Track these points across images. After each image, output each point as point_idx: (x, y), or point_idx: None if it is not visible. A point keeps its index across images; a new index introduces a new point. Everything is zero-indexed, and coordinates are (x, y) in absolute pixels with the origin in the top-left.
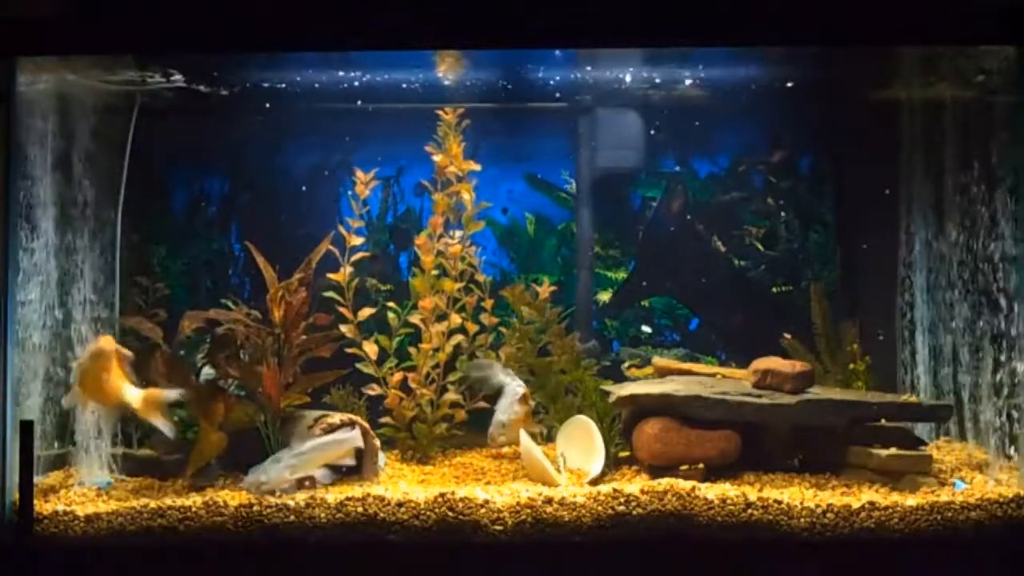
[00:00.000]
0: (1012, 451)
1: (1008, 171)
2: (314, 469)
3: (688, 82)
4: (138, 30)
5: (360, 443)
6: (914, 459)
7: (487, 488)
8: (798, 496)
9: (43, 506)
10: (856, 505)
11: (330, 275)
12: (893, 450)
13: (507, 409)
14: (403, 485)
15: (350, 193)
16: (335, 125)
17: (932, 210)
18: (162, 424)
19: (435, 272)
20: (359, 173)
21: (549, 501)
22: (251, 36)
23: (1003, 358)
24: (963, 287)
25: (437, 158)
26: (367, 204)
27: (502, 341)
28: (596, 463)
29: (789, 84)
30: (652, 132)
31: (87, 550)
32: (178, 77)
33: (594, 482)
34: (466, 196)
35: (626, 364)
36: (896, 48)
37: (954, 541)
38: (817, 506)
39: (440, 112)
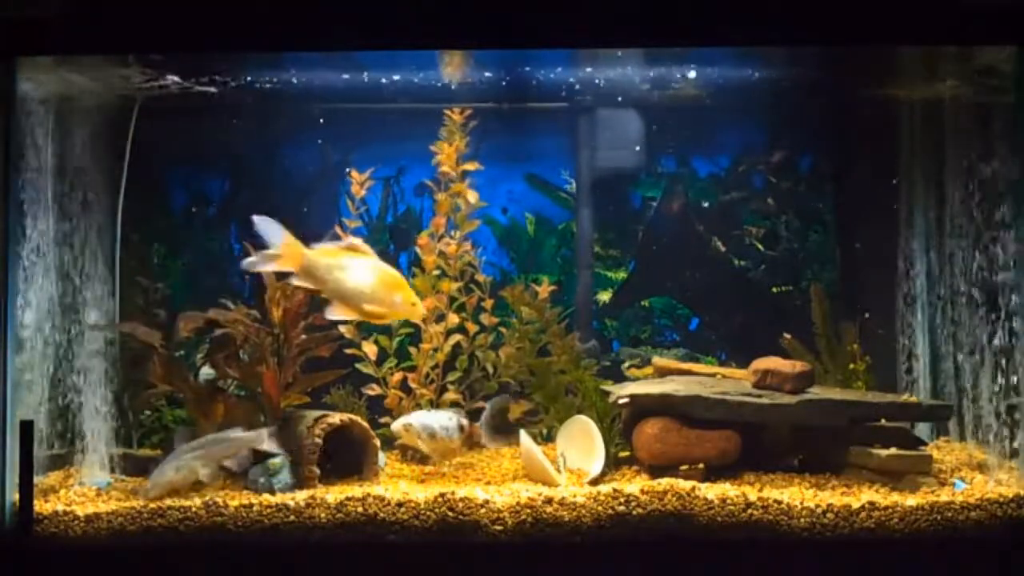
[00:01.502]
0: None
1: (1008, 171)
2: (201, 468)
3: (688, 81)
4: (138, 30)
5: (260, 444)
6: (914, 459)
7: (487, 488)
8: (798, 496)
9: (43, 506)
10: (856, 505)
11: None
12: (893, 450)
13: (447, 426)
14: (403, 485)
15: (347, 193)
16: (336, 125)
17: (932, 210)
18: None
19: (436, 272)
20: (354, 174)
21: (549, 501)
22: (251, 36)
23: (1004, 357)
24: (964, 287)
25: (440, 158)
26: (366, 204)
27: (502, 341)
28: (596, 463)
29: (788, 84)
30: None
31: (87, 550)
32: (175, 78)
33: (594, 482)
34: (469, 198)
35: (626, 364)
36: (896, 48)
37: (954, 541)
38: (817, 506)
39: (447, 112)
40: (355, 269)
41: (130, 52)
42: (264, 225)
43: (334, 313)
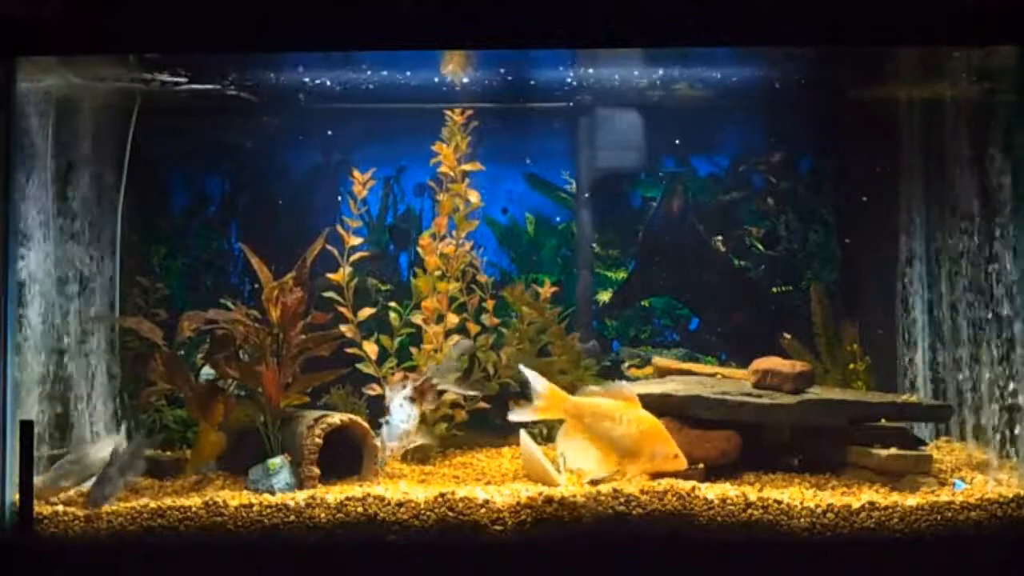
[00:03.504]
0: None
1: (1008, 170)
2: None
3: (688, 81)
4: (138, 30)
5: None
6: (914, 459)
7: (487, 488)
8: (798, 496)
9: (43, 506)
10: (856, 505)
11: (329, 275)
12: (893, 450)
13: (407, 416)
14: (403, 485)
15: (348, 193)
16: (335, 125)
17: (932, 209)
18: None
19: (437, 273)
20: (356, 173)
21: (549, 501)
22: (251, 36)
23: (1004, 357)
24: (963, 286)
25: (439, 158)
26: (366, 204)
27: (503, 341)
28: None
29: (788, 84)
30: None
31: (87, 550)
32: (175, 78)
33: (594, 482)
34: (470, 197)
35: (626, 364)
36: (896, 48)
37: (954, 541)
38: (817, 506)
39: (448, 113)
40: (620, 419)
41: (130, 52)
42: (529, 377)
43: (603, 468)
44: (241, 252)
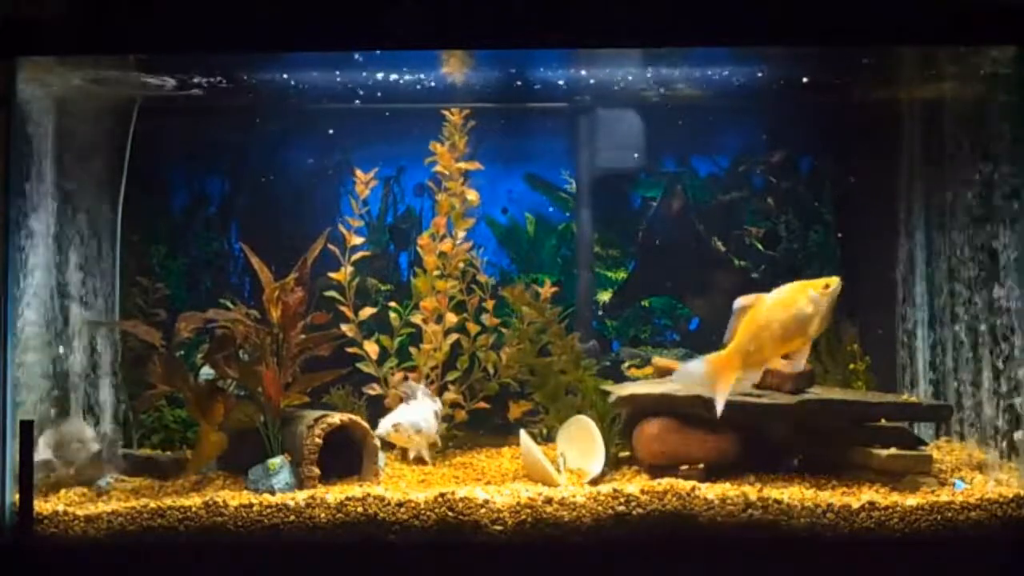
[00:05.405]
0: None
1: (1007, 170)
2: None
3: (688, 81)
4: (138, 30)
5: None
6: (914, 459)
7: (487, 488)
8: (798, 496)
9: (43, 506)
10: (856, 505)
11: (331, 274)
12: (893, 450)
13: (427, 418)
14: (403, 485)
15: (350, 193)
16: (335, 125)
17: (932, 209)
18: None
19: (436, 272)
20: (359, 173)
21: (549, 501)
22: (251, 36)
23: (1004, 356)
24: (963, 285)
25: (435, 158)
26: (367, 204)
27: (503, 341)
28: (596, 463)
29: (788, 84)
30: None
31: (87, 550)
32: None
33: (594, 482)
34: (468, 196)
35: (626, 364)
36: (895, 48)
37: (954, 541)
38: (817, 506)
39: (446, 113)
40: (793, 303)
41: (130, 52)
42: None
43: (799, 362)
44: (241, 252)
